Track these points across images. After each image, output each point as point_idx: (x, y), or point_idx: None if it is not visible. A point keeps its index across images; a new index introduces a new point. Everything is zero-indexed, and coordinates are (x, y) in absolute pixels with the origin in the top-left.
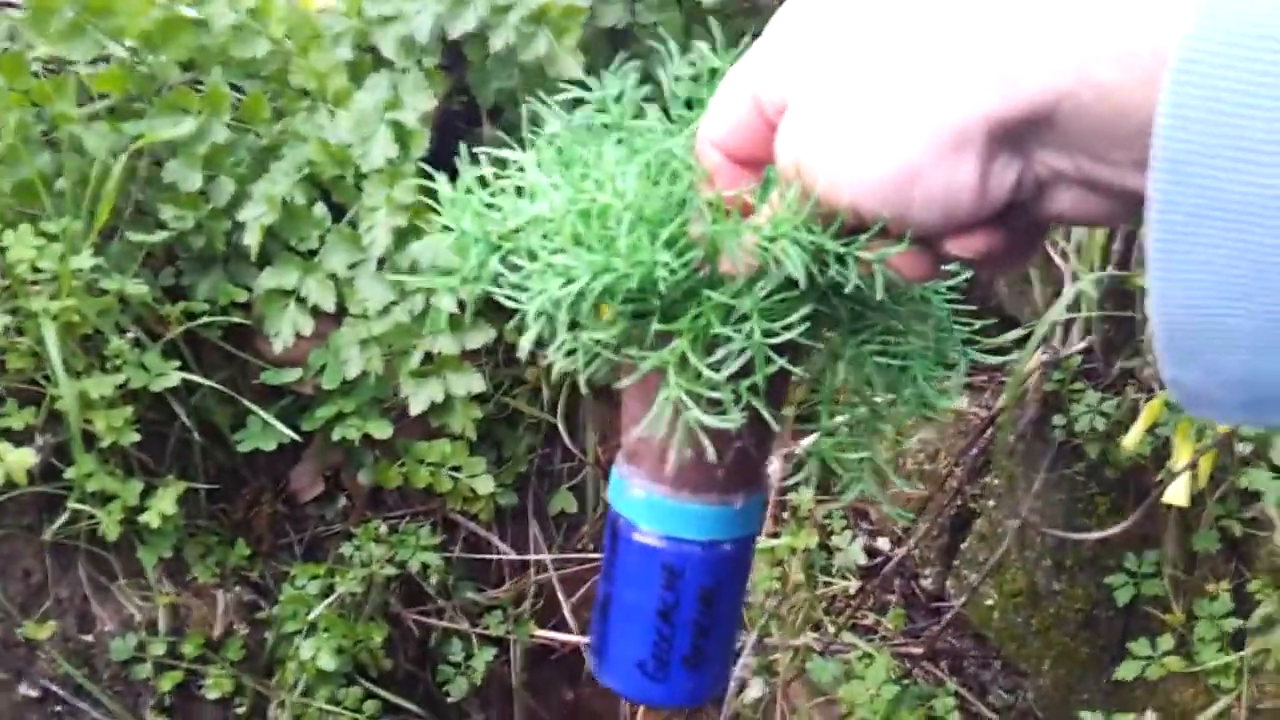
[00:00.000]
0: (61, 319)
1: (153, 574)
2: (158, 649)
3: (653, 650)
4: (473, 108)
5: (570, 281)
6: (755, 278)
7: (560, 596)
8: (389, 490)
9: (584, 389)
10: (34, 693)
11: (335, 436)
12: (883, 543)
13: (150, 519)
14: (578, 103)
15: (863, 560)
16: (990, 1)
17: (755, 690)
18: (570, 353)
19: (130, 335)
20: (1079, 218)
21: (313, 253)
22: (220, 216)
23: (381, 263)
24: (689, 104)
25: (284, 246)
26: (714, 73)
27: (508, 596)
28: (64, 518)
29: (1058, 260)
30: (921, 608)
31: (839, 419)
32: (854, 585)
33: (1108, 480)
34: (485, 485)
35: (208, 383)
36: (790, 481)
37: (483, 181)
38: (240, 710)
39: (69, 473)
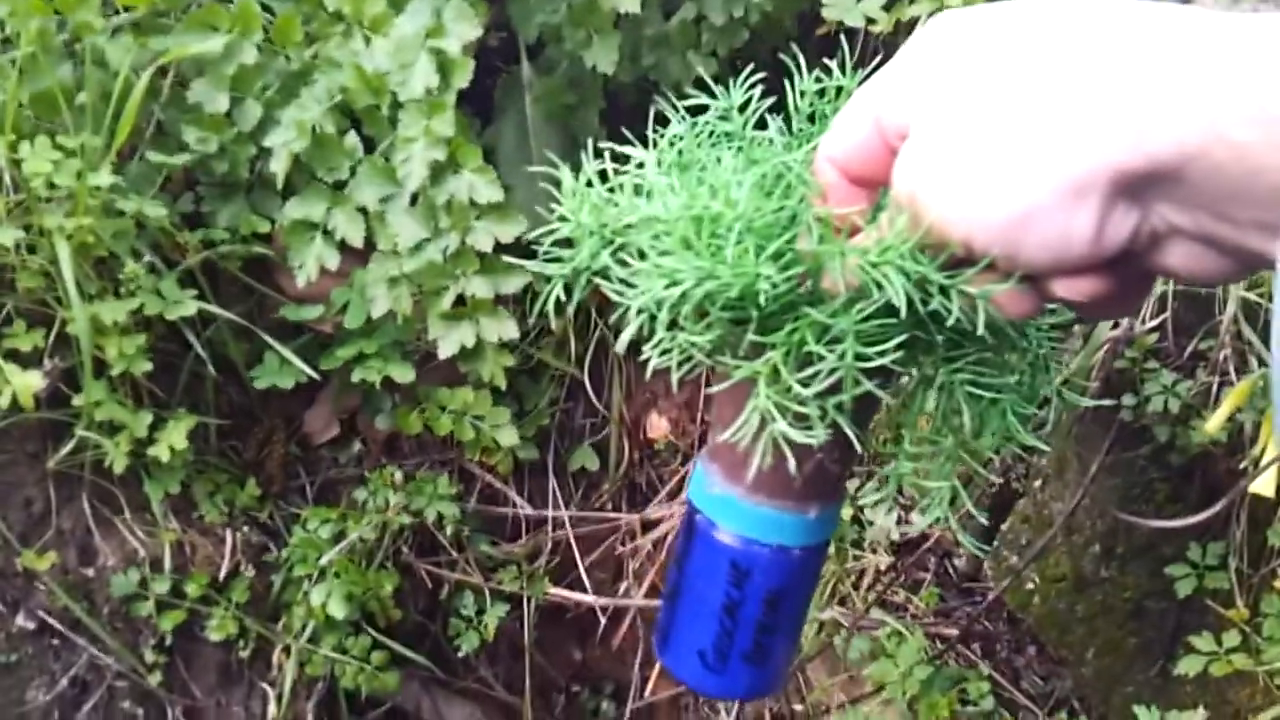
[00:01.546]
0: (76, 239)
1: (159, 509)
2: (160, 587)
3: (714, 642)
4: (511, 44)
5: (674, 284)
6: (855, 299)
7: (576, 555)
8: (405, 437)
9: (675, 386)
10: (31, 624)
11: (355, 378)
12: (916, 518)
13: (159, 452)
14: (701, 109)
15: (895, 536)
16: (1128, 52)
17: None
18: (665, 352)
19: (146, 260)
20: (1189, 273)
21: (341, 184)
22: (245, 142)
23: (415, 198)
24: (811, 118)
25: (311, 177)
26: (839, 91)
27: (523, 552)
28: (69, 446)
29: None
30: (953, 588)
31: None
32: (885, 561)
33: (1170, 466)
34: (508, 436)
35: (225, 314)
36: (864, 501)
37: (603, 176)
38: (243, 654)
39: (77, 400)
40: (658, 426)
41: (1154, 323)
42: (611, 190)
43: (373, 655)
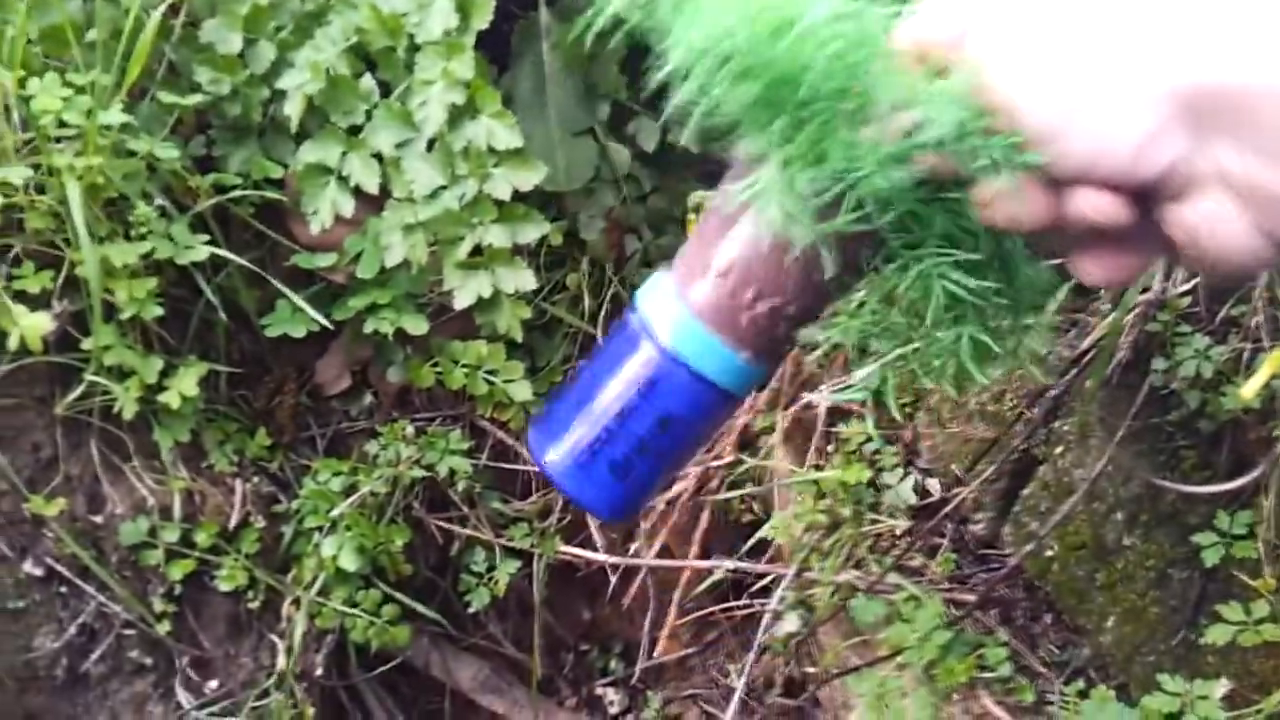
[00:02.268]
0: (86, 179)
1: (168, 457)
2: (170, 535)
3: (592, 436)
4: None
5: (727, 38)
6: (890, 130)
7: (588, 514)
8: (417, 391)
9: (691, 144)
10: (38, 571)
11: (367, 329)
12: (933, 483)
13: (169, 399)
14: None
15: (913, 500)
16: None
17: (790, 624)
18: (691, 104)
19: (157, 203)
20: (1206, 239)
21: (356, 129)
22: (259, 84)
23: (432, 144)
24: None
25: (325, 120)
26: None
27: (534, 509)
28: (78, 391)
29: None
30: (970, 554)
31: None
32: (901, 525)
33: (1199, 432)
34: (522, 391)
35: (237, 260)
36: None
37: None
38: (252, 605)
39: (86, 343)
40: None
41: (1186, 286)
42: None
43: (383, 609)
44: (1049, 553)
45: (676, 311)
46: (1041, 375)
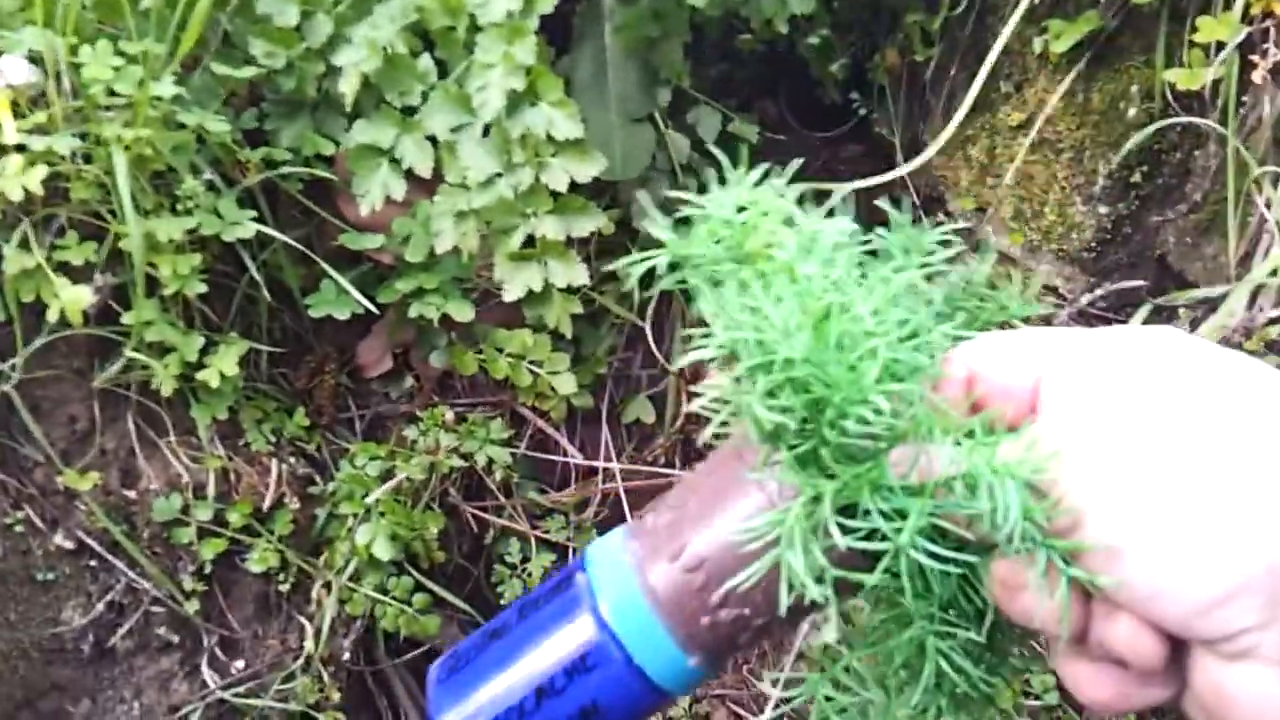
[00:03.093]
0: (134, 150)
1: (205, 434)
2: (203, 514)
3: (500, 712)
4: None
5: (769, 354)
6: (934, 489)
7: (625, 508)
8: (457, 376)
9: (706, 438)
10: (69, 544)
11: (412, 313)
12: None
13: (209, 377)
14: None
15: None
16: None
17: (829, 634)
18: (718, 400)
19: (205, 177)
20: (1231, 710)
21: (411, 110)
22: (314, 58)
23: (488, 129)
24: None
25: (380, 100)
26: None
27: (571, 501)
28: (118, 365)
29: (1262, 209)
30: None
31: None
32: None
33: None
34: (566, 384)
35: (283, 238)
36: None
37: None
38: (282, 587)
39: (127, 318)
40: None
41: (1275, 313)
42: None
43: (414, 598)
44: None
45: (629, 590)
46: None
